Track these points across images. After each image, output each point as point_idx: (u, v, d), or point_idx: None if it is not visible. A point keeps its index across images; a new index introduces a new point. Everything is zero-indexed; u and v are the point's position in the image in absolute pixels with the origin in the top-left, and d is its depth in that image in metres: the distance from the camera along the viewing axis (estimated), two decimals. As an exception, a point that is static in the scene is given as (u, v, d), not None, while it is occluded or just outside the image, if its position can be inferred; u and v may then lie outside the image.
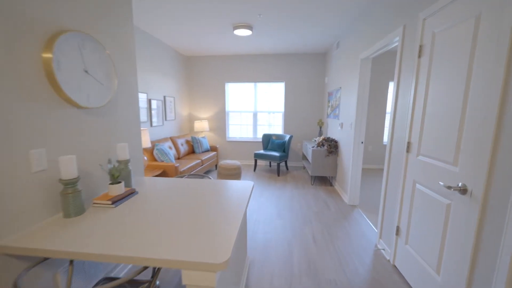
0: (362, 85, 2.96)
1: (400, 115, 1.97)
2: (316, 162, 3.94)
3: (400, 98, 1.97)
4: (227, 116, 5.64)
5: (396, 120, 2.02)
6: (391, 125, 2.09)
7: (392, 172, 2.06)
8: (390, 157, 2.09)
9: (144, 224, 1.09)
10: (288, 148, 4.83)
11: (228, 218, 1.16)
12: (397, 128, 2.00)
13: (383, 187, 2.18)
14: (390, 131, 2.09)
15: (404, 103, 1.91)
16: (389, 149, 2.10)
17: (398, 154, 1.95)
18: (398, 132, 1.97)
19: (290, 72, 5.23)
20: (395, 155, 2.01)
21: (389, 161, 2.10)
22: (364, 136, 3.07)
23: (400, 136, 1.94)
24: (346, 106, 3.50)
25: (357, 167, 3.14)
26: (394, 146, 2.03)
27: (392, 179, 2.05)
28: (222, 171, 3.88)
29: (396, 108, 2.02)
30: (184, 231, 1.03)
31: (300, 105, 5.32)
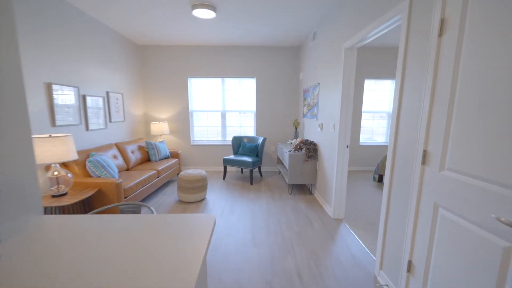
0: (347, 79, 2.52)
1: (406, 116, 1.52)
2: (294, 168, 3.45)
3: (407, 95, 1.52)
4: (191, 116, 4.90)
5: (401, 123, 1.57)
6: (393, 129, 1.64)
7: (396, 188, 1.61)
8: (393, 168, 1.64)
9: None
10: (261, 152, 4.29)
11: (175, 281, 0.53)
12: (402, 133, 1.56)
13: (384, 207, 1.73)
14: (392, 136, 1.65)
15: (412, 101, 1.46)
16: (391, 158, 1.65)
17: (406, 166, 1.51)
18: (404, 138, 1.53)
19: (262, 67, 4.69)
20: (400, 166, 1.57)
21: (391, 174, 1.66)
22: (350, 139, 2.65)
23: (408, 142, 1.49)
24: (326, 105, 3.06)
25: (342, 176, 2.71)
26: (399, 155, 1.59)
27: (397, 196, 1.60)
28: (183, 183, 3.17)
29: (400, 108, 1.58)
30: None
31: (273, 104, 4.82)
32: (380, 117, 5.03)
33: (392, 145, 1.64)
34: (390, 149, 1.66)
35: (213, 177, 4.54)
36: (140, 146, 3.93)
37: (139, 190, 2.91)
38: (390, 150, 1.66)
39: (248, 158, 4.06)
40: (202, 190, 3.28)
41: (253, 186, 3.99)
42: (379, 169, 4.15)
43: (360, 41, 2.20)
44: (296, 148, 3.52)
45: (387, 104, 4.97)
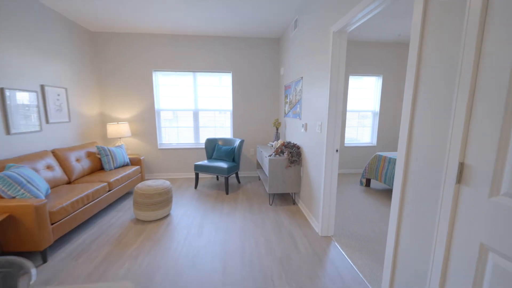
0: (336, 71, 2.10)
1: (425, 113, 1.10)
2: (275, 175, 2.98)
3: (426, 85, 1.10)
4: (158, 116, 4.26)
5: (417, 122, 1.15)
6: (404, 131, 1.22)
7: (410, 215, 1.19)
8: (405, 187, 1.22)
9: None
10: (238, 156, 3.78)
11: None
12: (418, 135, 1.14)
13: (392, 238, 1.30)
14: (404, 141, 1.22)
15: (435, 93, 1.04)
16: (402, 171, 1.23)
17: (427, 183, 1.09)
18: (422, 143, 1.11)
19: (239, 61, 4.18)
20: (417, 184, 1.15)
21: (402, 192, 1.23)
22: (339, 141, 2.23)
23: (429, 150, 1.07)
24: (311, 102, 2.63)
25: (331, 186, 2.29)
26: (414, 166, 1.16)
27: (412, 227, 1.18)
28: (140, 198, 2.57)
29: (415, 102, 1.16)
30: None
31: (252, 102, 4.33)
32: (362, 116, 4.74)
33: (404, 153, 1.22)
34: (401, 158, 1.24)
35: (184, 185, 3.94)
36: (90, 152, 3.24)
37: (78, 210, 2.26)
38: (401, 159, 1.24)
39: (223, 164, 3.53)
40: (166, 205, 2.70)
41: (229, 195, 3.47)
42: (367, 173, 3.83)
43: (353, 20, 1.78)
44: (277, 152, 3.06)
45: (372, 103, 4.70)
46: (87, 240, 2.26)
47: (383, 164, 3.52)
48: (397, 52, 4.48)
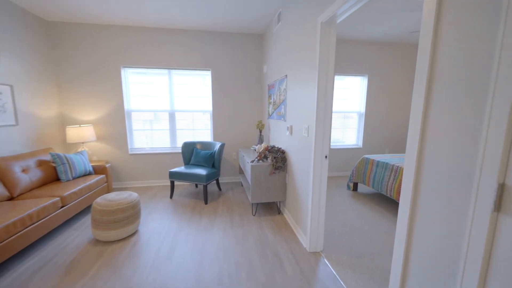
0: (325, 67, 1.86)
1: (442, 128, 0.87)
2: (258, 183, 2.71)
3: (441, 96, 0.87)
4: (129, 117, 3.83)
5: (431, 141, 0.92)
6: (413, 141, 0.98)
7: (423, 249, 0.96)
8: (415, 211, 0.98)
9: None
10: (219, 161, 3.47)
11: None
12: (432, 155, 0.91)
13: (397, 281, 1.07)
14: (412, 153, 0.99)
15: (458, 97, 0.81)
16: (411, 189, 0.99)
17: (448, 206, 0.85)
18: (441, 155, 0.88)
19: (219, 58, 3.86)
20: (432, 206, 0.91)
21: (410, 219, 1.00)
22: (329, 146, 2.00)
23: (451, 164, 0.84)
24: (296, 102, 2.38)
25: (320, 196, 2.05)
26: (429, 183, 0.93)
27: (425, 264, 0.95)
28: (99, 216, 2.18)
29: (427, 116, 0.93)
30: None
31: (233, 102, 4.03)
32: (347, 117, 4.60)
33: (414, 168, 0.98)
34: (409, 173, 1.00)
35: (159, 194, 3.55)
36: (43, 161, 2.77)
37: (17, 235, 1.84)
38: (409, 175, 1.00)
39: (202, 170, 3.20)
40: (132, 221, 2.32)
41: (208, 205, 3.14)
42: (354, 177, 3.66)
43: (343, 7, 1.54)
44: (260, 157, 2.78)
45: (358, 103, 4.58)
46: (28, 270, 1.84)
47: (371, 168, 3.37)
48: (383, 52, 4.39)
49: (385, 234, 2.39)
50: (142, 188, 3.84)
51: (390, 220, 2.70)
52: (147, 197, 3.43)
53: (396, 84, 4.55)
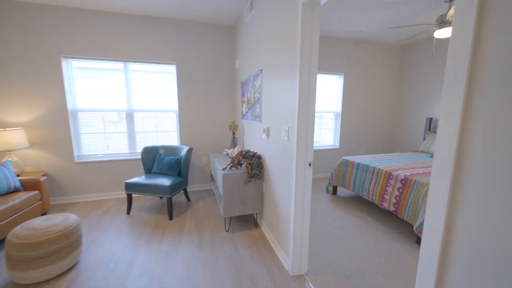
0: (307, 58, 1.56)
1: (491, 156, 0.59)
2: (231, 195, 2.34)
3: (489, 104, 0.59)
4: (74, 119, 3.18)
5: (472, 178, 0.64)
6: (448, 146, 0.71)
7: None
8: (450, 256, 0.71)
9: None
10: (186, 168, 3.02)
11: None
12: (475, 199, 0.63)
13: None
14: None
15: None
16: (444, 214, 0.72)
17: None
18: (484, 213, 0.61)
19: (185, 50, 3.40)
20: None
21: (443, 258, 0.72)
22: (313, 151, 1.71)
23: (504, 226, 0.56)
24: (273, 100, 2.07)
25: (304, 210, 1.75)
26: (470, 260, 0.65)
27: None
28: (15, 252, 1.63)
29: (467, 140, 0.65)
30: None
31: (203, 101, 3.60)
32: (323, 117, 4.46)
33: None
34: (439, 188, 0.72)
35: (113, 209, 2.99)
36: None
37: None
38: (439, 190, 0.72)
39: (166, 180, 2.73)
40: (68, 253, 1.80)
41: (174, 221, 2.68)
42: (333, 180, 3.48)
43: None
44: (233, 164, 2.42)
45: (334, 103, 4.44)
46: None
47: (351, 170, 3.21)
48: (359, 50, 4.30)
49: (372, 245, 2.19)
50: (94, 202, 3.23)
51: (373, 227, 2.53)
52: (98, 214, 2.85)
53: (373, 83, 4.50)
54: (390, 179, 2.61)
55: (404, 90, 4.55)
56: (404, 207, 2.38)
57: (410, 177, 2.41)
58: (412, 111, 4.42)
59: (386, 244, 2.22)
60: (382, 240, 2.28)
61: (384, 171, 2.70)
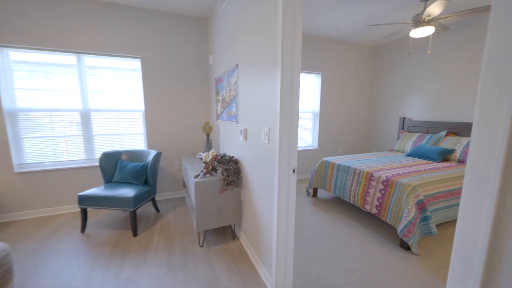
0: (290, 50, 1.36)
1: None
2: (205, 205, 2.07)
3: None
4: (12, 120, 2.65)
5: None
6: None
7: None
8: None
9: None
10: (154, 175, 2.67)
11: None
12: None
13: None
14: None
15: None
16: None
17: None
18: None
19: (152, 43, 3.03)
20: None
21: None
22: (297, 156, 1.52)
23: None
24: (251, 99, 1.85)
25: (288, 222, 1.56)
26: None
27: None
28: None
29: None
30: None
31: (173, 100, 3.26)
32: (300, 117, 4.36)
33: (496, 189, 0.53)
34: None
35: (66, 226, 2.54)
36: None
37: None
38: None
39: (129, 190, 2.36)
40: (-9, 293, 1.39)
41: (139, 238, 2.33)
42: (314, 182, 3.37)
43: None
44: (207, 170, 2.15)
45: (312, 103, 4.36)
46: None
47: (332, 172, 3.11)
48: (336, 49, 4.26)
49: (357, 252, 2.08)
50: (41, 219, 2.72)
51: (357, 231, 2.43)
52: (44, 234, 2.38)
53: (349, 83, 4.51)
54: (371, 181, 2.53)
55: (379, 90, 4.63)
56: (386, 209, 2.31)
57: (392, 178, 2.35)
58: (387, 110, 4.50)
59: (371, 249, 2.12)
60: (367, 245, 2.18)
61: (366, 172, 2.63)
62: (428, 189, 2.24)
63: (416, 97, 3.95)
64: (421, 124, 3.83)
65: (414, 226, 2.07)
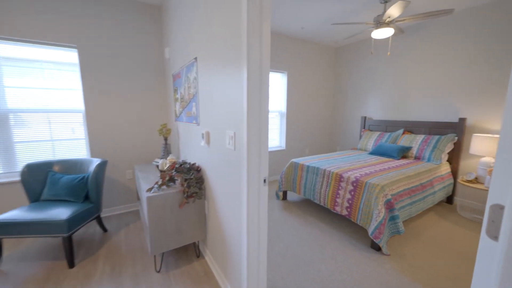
0: (257, 38, 1.15)
1: None
2: (161, 224, 1.75)
3: None
4: None
5: None
6: None
7: None
8: None
9: None
10: (98, 189, 2.22)
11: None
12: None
13: None
14: None
15: None
16: None
17: None
18: None
19: (92, 30, 2.53)
20: None
21: None
22: (268, 167, 1.32)
23: None
24: (213, 97, 1.59)
25: (260, 237, 1.35)
26: None
27: None
28: None
29: None
30: None
31: (123, 99, 2.79)
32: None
33: None
34: None
35: (-30, 264, 1.93)
36: None
37: None
38: None
39: (62, 211, 1.89)
40: None
41: (77, 269, 1.88)
42: (283, 185, 3.24)
43: None
44: (164, 182, 1.82)
45: (279, 102, 4.26)
46: None
47: (301, 174, 3.02)
48: (301, 49, 4.22)
49: (331, 259, 1.98)
50: None
51: (329, 235, 2.35)
52: None
53: (314, 83, 4.52)
54: (341, 182, 2.49)
55: (342, 90, 4.75)
56: (357, 210, 2.28)
57: (361, 179, 2.32)
58: (349, 110, 4.64)
59: (345, 254, 2.05)
60: (340, 250, 2.11)
61: (335, 173, 2.58)
62: (394, 188, 2.27)
63: (376, 97, 4.12)
64: (380, 123, 4.02)
65: (384, 226, 2.05)
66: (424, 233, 2.39)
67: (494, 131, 2.81)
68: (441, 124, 3.23)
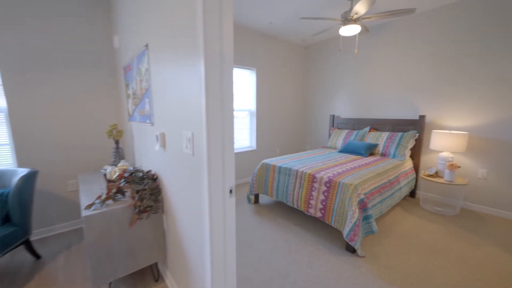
0: (217, 22, 0.92)
1: None
2: (103, 248, 1.41)
3: None
4: None
5: None
6: None
7: None
8: None
9: None
10: (24, 207, 1.77)
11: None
12: None
13: None
14: None
15: None
16: None
17: None
18: None
19: (17, 11, 2.03)
20: None
21: None
22: (234, 175, 1.10)
23: None
24: (167, 91, 1.32)
25: (226, 255, 1.13)
26: None
27: None
28: None
29: None
30: None
31: (63, 95, 2.32)
32: (235, 116, 4.03)
33: None
34: None
35: None
36: None
37: None
38: None
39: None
40: None
41: (-9, 315, 1.45)
42: (255, 188, 3.06)
43: None
44: (109, 195, 1.49)
45: (248, 101, 4.06)
46: None
47: (273, 175, 2.86)
48: (269, 45, 4.08)
49: (307, 268, 1.85)
50: None
51: (303, 239, 2.23)
52: None
53: (282, 81, 4.42)
54: (314, 182, 2.39)
55: (311, 89, 4.75)
56: (331, 212, 2.19)
57: (334, 179, 2.24)
58: (318, 108, 4.65)
59: (320, 260, 1.93)
60: (316, 255, 1.99)
61: (308, 174, 2.47)
62: (366, 187, 2.23)
63: (343, 96, 4.18)
64: (348, 121, 4.08)
65: (358, 228, 1.99)
66: (393, 229, 2.41)
67: (451, 127, 2.99)
68: (403, 121, 3.36)
